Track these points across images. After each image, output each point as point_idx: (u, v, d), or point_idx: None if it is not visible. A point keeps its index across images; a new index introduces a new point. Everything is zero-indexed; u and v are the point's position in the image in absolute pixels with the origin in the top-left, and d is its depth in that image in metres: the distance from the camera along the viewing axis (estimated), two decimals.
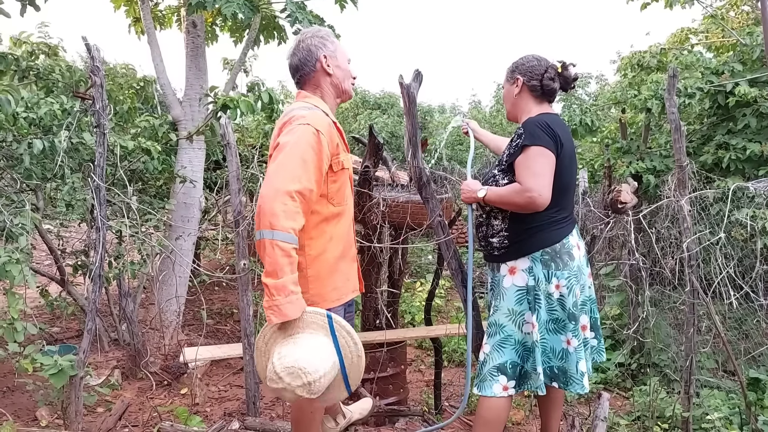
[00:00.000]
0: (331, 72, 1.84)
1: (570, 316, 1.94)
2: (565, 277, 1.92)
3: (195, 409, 3.38)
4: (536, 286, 1.93)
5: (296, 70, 1.85)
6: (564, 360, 1.96)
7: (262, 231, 1.54)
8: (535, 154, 1.86)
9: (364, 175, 3.02)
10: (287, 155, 1.61)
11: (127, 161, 3.72)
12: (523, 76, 2.03)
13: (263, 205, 1.55)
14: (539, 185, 1.82)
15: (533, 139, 1.87)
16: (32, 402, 3.22)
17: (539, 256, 1.93)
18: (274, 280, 1.52)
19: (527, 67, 2.03)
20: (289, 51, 1.87)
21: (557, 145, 1.88)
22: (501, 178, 1.99)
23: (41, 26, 3.83)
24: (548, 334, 1.97)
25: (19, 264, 2.51)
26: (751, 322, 3.66)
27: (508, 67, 2.12)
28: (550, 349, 1.98)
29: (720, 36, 6.03)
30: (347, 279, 1.86)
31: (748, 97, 4.32)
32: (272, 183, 1.57)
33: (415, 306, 5.84)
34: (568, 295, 1.93)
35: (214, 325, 5.13)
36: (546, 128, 1.88)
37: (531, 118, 1.98)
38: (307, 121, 1.66)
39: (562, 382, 1.98)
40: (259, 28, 4.54)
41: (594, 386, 4.09)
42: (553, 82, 2.01)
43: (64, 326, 4.78)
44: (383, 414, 2.91)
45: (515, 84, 2.06)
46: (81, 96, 3.30)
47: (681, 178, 2.98)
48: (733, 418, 3.10)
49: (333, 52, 1.84)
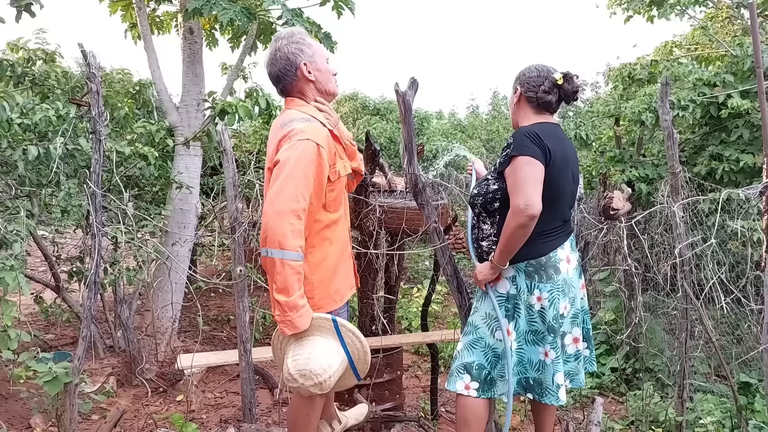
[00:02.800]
0: (312, 78, 1.82)
1: (549, 329, 1.94)
2: (548, 290, 1.93)
3: (191, 416, 3.37)
4: (518, 295, 1.95)
5: (278, 80, 1.83)
6: (540, 372, 1.98)
7: (271, 250, 1.60)
8: (521, 164, 1.87)
9: (360, 182, 3.03)
10: (290, 173, 1.62)
11: (124, 167, 3.72)
12: (522, 86, 2.05)
13: (271, 224, 1.60)
14: (525, 198, 1.82)
15: (519, 149, 1.88)
16: (26, 410, 3.20)
17: (523, 267, 1.94)
18: (286, 297, 1.63)
19: (526, 78, 2.05)
20: (267, 59, 1.83)
21: (546, 155, 1.88)
22: (493, 183, 2.01)
23: (39, 32, 3.83)
24: (526, 344, 1.99)
25: (13, 271, 2.50)
26: (743, 327, 3.69)
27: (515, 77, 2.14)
28: (527, 360, 2.00)
29: (708, 47, 6.11)
30: (346, 278, 1.93)
31: (741, 109, 4.37)
32: (278, 202, 1.61)
33: (411, 312, 5.84)
34: (549, 308, 1.93)
35: (210, 331, 5.12)
36: (535, 138, 1.89)
37: (523, 127, 1.99)
38: (307, 136, 1.67)
39: (537, 393, 1.99)
40: (256, 34, 4.57)
41: (588, 391, 4.10)
42: (547, 95, 2.01)
43: (58, 333, 4.75)
44: (379, 420, 2.91)
45: (515, 94, 2.09)
46: (77, 102, 3.30)
47: (674, 184, 3.02)
48: (725, 422, 3.12)
49: (311, 56, 1.81)
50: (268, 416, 3.47)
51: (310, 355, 1.69)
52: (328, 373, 1.69)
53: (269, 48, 1.86)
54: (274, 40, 1.85)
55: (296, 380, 1.69)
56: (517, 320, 1.96)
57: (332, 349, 1.74)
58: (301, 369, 1.68)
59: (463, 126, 15.03)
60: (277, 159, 1.68)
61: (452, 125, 14.94)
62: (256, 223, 4.54)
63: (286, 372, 1.72)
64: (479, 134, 13.61)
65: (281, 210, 1.60)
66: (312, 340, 1.72)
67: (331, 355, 1.73)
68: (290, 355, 1.72)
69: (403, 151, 2.42)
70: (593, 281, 4.81)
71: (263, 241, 1.62)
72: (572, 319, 2.04)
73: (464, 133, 13.94)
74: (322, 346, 1.73)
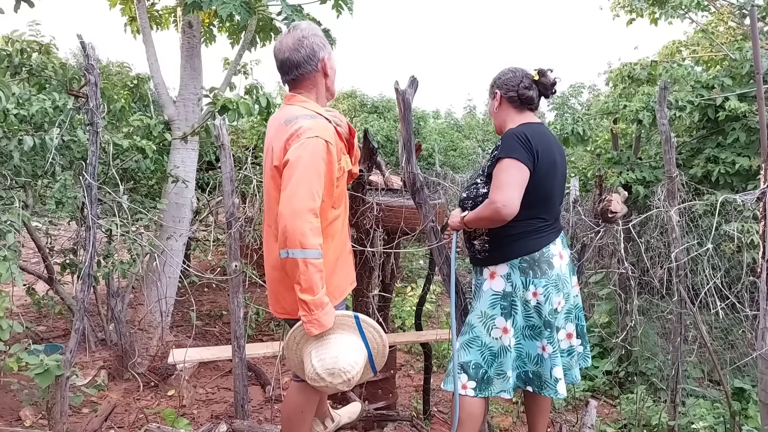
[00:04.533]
0: (329, 74, 1.85)
1: (546, 324, 1.98)
2: (543, 285, 1.96)
3: (182, 411, 3.35)
4: (513, 292, 1.99)
5: (296, 67, 1.79)
6: (539, 365, 2.02)
7: (292, 251, 1.60)
8: (506, 167, 1.90)
9: (357, 180, 3.03)
10: (304, 172, 1.62)
11: (120, 160, 3.70)
12: (500, 89, 2.11)
13: (289, 225, 1.59)
14: (504, 197, 1.86)
15: (507, 152, 1.92)
16: (16, 402, 3.18)
17: (518, 264, 1.97)
18: (312, 296, 1.62)
19: (503, 81, 2.11)
20: (288, 46, 1.79)
21: (533, 158, 1.92)
22: (482, 186, 2.06)
23: (33, 24, 3.80)
24: (524, 339, 2.03)
25: (6, 261, 2.48)
26: (737, 332, 3.70)
27: (490, 85, 2.19)
28: (526, 354, 2.04)
29: (709, 50, 6.13)
30: (346, 274, 1.94)
31: (738, 112, 4.39)
32: (294, 202, 1.60)
33: (405, 311, 5.84)
34: (544, 303, 1.97)
35: (203, 326, 5.10)
36: (524, 141, 1.92)
37: (511, 129, 2.02)
38: (316, 133, 1.67)
39: (536, 386, 2.04)
40: (255, 29, 4.54)
41: (581, 393, 4.11)
42: (528, 91, 2.07)
43: (50, 325, 4.72)
44: (372, 418, 2.91)
45: (495, 98, 2.14)
46: (75, 94, 3.28)
47: (671, 188, 3.03)
48: (717, 428, 3.13)
49: (330, 53, 1.85)
50: (259, 413, 3.46)
51: (338, 353, 1.70)
52: (356, 370, 1.71)
53: (285, 36, 1.82)
54: (292, 29, 1.83)
55: (324, 379, 1.68)
56: (515, 317, 2.00)
57: (356, 346, 1.76)
58: (329, 368, 1.68)
59: (460, 126, 15.05)
60: (287, 159, 1.66)
61: (449, 125, 14.96)
62: (252, 219, 4.53)
63: (311, 372, 1.70)
64: (476, 134, 13.64)
65: (299, 209, 1.59)
66: (335, 338, 1.73)
67: (356, 352, 1.74)
68: (314, 354, 1.71)
69: (402, 150, 2.41)
70: (588, 283, 4.82)
71: (282, 242, 1.61)
72: (566, 315, 2.07)
73: (461, 133, 13.97)
74: (347, 344, 1.74)
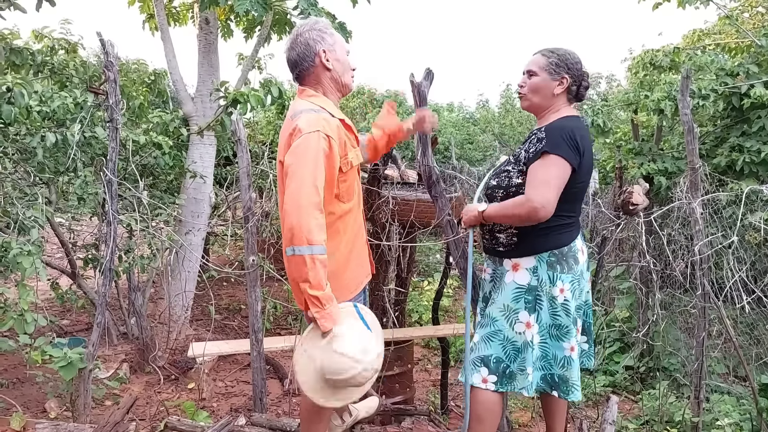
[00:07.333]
0: (330, 66, 1.81)
1: (574, 322, 1.92)
2: (569, 281, 1.89)
3: (202, 404, 3.40)
4: (539, 286, 1.89)
5: (295, 65, 1.82)
6: (566, 368, 1.93)
7: (299, 247, 1.58)
8: (551, 163, 1.79)
9: (373, 173, 3.01)
10: (305, 168, 1.62)
11: (139, 156, 3.75)
12: (571, 77, 1.92)
13: (295, 222, 1.58)
14: (543, 198, 1.76)
15: (554, 148, 1.79)
16: (41, 394, 3.26)
17: (546, 257, 1.89)
18: (321, 291, 1.62)
19: (576, 69, 1.92)
20: (287, 45, 1.83)
21: (579, 157, 1.82)
22: (516, 176, 1.92)
23: (64, 23, 3.89)
24: (550, 339, 1.93)
25: (30, 256, 2.53)
26: (763, 327, 3.61)
27: (550, 58, 1.92)
28: (552, 356, 1.94)
29: (734, 37, 5.94)
30: (361, 266, 1.93)
31: (764, 99, 4.25)
32: (299, 198, 1.60)
33: (422, 305, 5.83)
34: (571, 300, 1.90)
35: (222, 320, 5.16)
36: (571, 140, 1.81)
37: (557, 122, 1.89)
38: (316, 128, 1.66)
39: (563, 391, 1.95)
40: (270, 24, 4.55)
41: (602, 389, 4.06)
42: (587, 90, 1.97)
43: (73, 319, 4.83)
44: (389, 413, 2.91)
45: (560, 82, 1.91)
46: (95, 91, 3.32)
47: (693, 180, 2.95)
48: (743, 425, 3.06)
49: (332, 45, 1.81)
50: (278, 406, 3.49)
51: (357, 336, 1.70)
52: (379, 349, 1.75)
53: (290, 35, 1.85)
54: (296, 27, 1.85)
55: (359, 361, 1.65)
56: (539, 312, 1.90)
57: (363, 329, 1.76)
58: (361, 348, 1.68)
59: (475, 119, 14.91)
60: (288, 154, 1.67)
61: (463, 118, 14.84)
62: (269, 213, 4.56)
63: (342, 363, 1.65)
64: (492, 128, 13.49)
65: (304, 206, 1.59)
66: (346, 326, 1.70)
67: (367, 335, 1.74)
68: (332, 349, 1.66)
69: (417, 143, 2.39)
70: (609, 277, 4.74)
71: (288, 240, 1.59)
72: (577, 310, 1.99)
73: (477, 126, 13.84)
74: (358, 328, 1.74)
